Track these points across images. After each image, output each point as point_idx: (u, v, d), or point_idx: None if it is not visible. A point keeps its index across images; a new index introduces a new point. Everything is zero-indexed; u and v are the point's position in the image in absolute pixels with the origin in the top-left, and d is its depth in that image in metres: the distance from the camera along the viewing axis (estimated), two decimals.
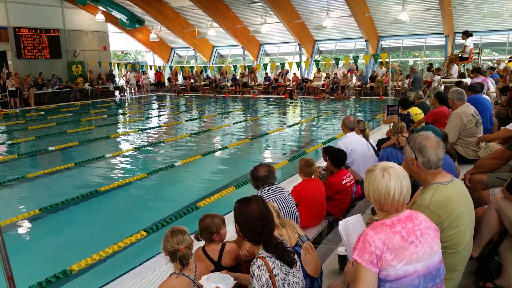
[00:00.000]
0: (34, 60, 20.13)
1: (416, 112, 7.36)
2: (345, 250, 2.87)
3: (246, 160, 8.75)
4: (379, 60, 17.43)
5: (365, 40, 20.72)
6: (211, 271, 2.57)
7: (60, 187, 6.99)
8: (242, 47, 24.09)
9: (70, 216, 5.67)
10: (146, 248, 4.44)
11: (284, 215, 3.15)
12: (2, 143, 10.88)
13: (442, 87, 9.82)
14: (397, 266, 1.78)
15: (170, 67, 24.60)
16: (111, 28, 24.23)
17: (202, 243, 2.89)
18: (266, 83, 22.75)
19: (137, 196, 6.59)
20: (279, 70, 22.19)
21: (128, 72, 23.95)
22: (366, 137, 5.59)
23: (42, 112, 16.75)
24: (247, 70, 21.91)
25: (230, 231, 2.94)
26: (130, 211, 5.94)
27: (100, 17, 21.71)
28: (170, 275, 2.49)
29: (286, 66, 20.22)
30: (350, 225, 2.44)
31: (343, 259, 3.12)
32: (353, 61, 18.07)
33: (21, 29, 19.43)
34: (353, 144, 5.09)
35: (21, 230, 5.26)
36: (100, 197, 6.25)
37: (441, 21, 18.19)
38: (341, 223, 2.39)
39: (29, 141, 10.92)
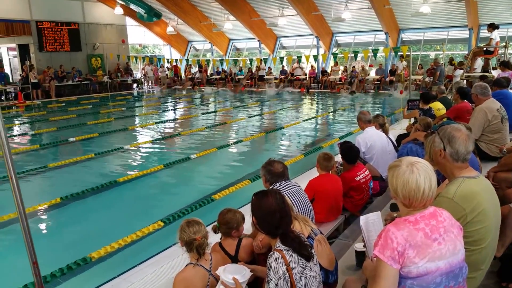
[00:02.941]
0: (55, 53, 20.46)
1: (438, 107, 7.21)
2: (363, 246, 2.86)
3: (261, 154, 8.76)
4: (399, 53, 17.13)
5: (385, 33, 20.37)
6: None
7: (80, 177, 7.14)
8: (258, 40, 23.99)
9: (90, 205, 5.79)
10: (163, 238, 4.48)
11: (297, 209, 3.14)
12: (25, 134, 11.15)
13: (465, 81, 9.60)
14: (419, 263, 1.76)
15: (187, 60, 24.69)
16: (130, 21, 24.42)
17: (218, 236, 2.90)
18: (282, 76, 22.65)
19: (154, 187, 6.66)
20: (295, 63, 22.04)
21: (146, 66, 24.14)
22: (386, 132, 5.51)
23: (63, 104, 17.06)
24: (263, 63, 21.82)
25: (245, 224, 2.97)
26: (147, 202, 6.02)
27: (118, 10, 21.89)
28: (186, 265, 2.52)
29: (303, 59, 20.02)
30: (370, 222, 2.44)
31: (360, 255, 3.11)
32: (372, 54, 17.78)
33: (43, 23, 19.74)
34: (373, 139, 5.03)
35: (43, 218, 5.40)
36: (119, 188, 6.35)
37: (465, 13, 17.73)
38: (362, 218, 2.39)
39: (51, 132, 11.14)
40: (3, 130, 2.15)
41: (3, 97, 17.81)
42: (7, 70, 21.71)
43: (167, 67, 24.93)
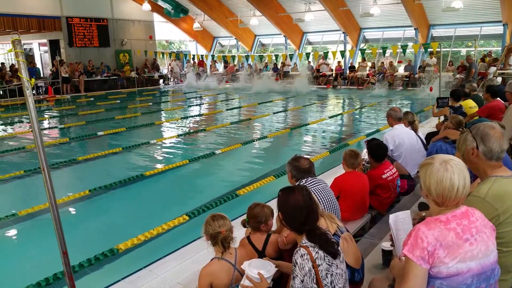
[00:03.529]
0: (84, 48, 20.97)
1: (470, 105, 6.97)
2: (391, 245, 2.81)
3: (286, 150, 8.72)
4: (429, 49, 16.68)
5: (415, 29, 19.87)
6: None
7: (108, 170, 7.30)
8: (284, 36, 23.87)
9: (117, 198, 5.91)
10: (188, 232, 4.53)
11: (323, 206, 3.10)
12: (55, 127, 11.48)
13: (499, 79, 9.26)
14: (450, 263, 1.72)
15: (213, 56, 24.84)
16: (157, 17, 24.74)
17: (243, 231, 2.91)
18: (308, 72, 22.45)
19: (179, 182, 6.75)
20: (321, 60, 21.81)
21: (172, 61, 24.43)
22: (415, 130, 5.38)
23: (92, 99, 17.48)
24: (288, 59, 21.71)
25: None
26: (172, 196, 6.10)
27: (146, 6, 22.20)
28: (211, 260, 2.54)
29: (329, 55, 19.78)
30: (400, 220, 2.39)
31: (387, 254, 3.06)
32: (401, 50, 17.39)
33: (73, 19, 20.24)
34: (401, 136, 4.92)
35: (72, 209, 5.54)
36: (145, 181, 6.46)
37: (499, 8, 17.07)
38: (391, 216, 2.34)
39: (80, 126, 11.43)
40: (36, 123, 2.20)
41: (34, 91, 18.38)
42: (38, 65, 22.42)
43: (192, 63, 25.17)
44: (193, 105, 15.81)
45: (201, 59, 24.57)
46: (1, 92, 17.63)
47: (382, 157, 4.27)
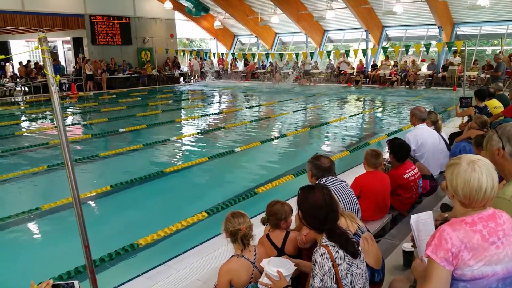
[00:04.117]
0: (107, 46, 21.31)
1: (495, 105, 6.80)
2: (412, 246, 2.77)
3: (305, 149, 8.68)
4: (453, 48, 16.31)
5: (438, 27, 19.45)
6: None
7: (129, 166, 7.41)
8: (305, 34, 23.72)
9: (138, 194, 5.99)
10: (206, 229, 4.55)
11: (344, 206, 3.07)
12: (78, 123, 11.72)
13: None
14: (474, 266, 1.68)
15: (233, 54, 24.89)
16: (178, 16, 24.95)
17: (262, 229, 2.91)
18: (329, 71, 22.29)
19: (199, 179, 6.79)
20: (341, 58, 21.60)
21: (193, 59, 24.61)
22: (438, 130, 5.27)
23: (114, 96, 17.77)
24: (309, 57, 21.56)
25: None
26: (191, 193, 6.14)
27: (168, 4, 22.39)
28: (231, 257, 2.54)
29: (351, 53, 19.57)
30: (421, 221, 2.35)
31: (407, 255, 3.02)
32: (424, 48, 17.04)
33: (96, 17, 20.60)
34: (424, 136, 4.82)
35: (93, 204, 5.65)
36: (165, 178, 6.52)
37: None
38: (413, 217, 2.30)
39: (102, 122, 11.64)
40: (61, 119, 2.24)
41: (57, 88, 18.80)
42: (61, 62, 22.93)
43: (211, 61, 25.30)
44: (212, 103, 15.89)
45: (221, 57, 24.64)
46: (26, 89, 18.11)
47: (405, 157, 4.19)
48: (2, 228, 4.79)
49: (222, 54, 24.59)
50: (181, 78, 24.51)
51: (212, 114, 13.02)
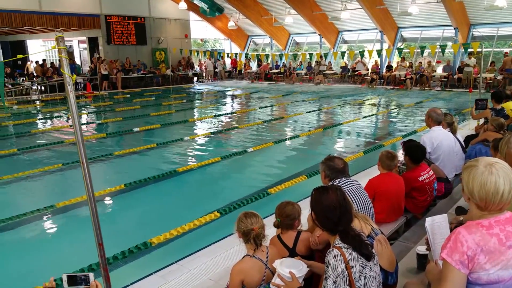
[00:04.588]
0: (122, 46, 21.54)
1: (511, 108, 6.68)
2: (426, 249, 2.73)
3: (318, 150, 8.64)
4: (469, 50, 16.05)
5: (454, 28, 19.17)
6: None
7: (142, 165, 7.47)
8: (319, 35, 23.62)
9: (151, 193, 6.03)
10: (219, 229, 4.56)
11: (357, 208, 3.04)
12: (93, 122, 11.87)
13: None
14: (491, 270, 1.66)
15: (246, 54, 24.92)
16: (192, 16, 25.09)
17: (274, 230, 2.90)
18: (344, 73, 22.15)
19: (211, 179, 6.80)
20: (358, 58, 21.43)
21: (206, 60, 24.72)
22: (454, 132, 5.19)
23: (128, 95, 17.95)
24: (323, 58, 21.46)
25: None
26: (204, 192, 6.16)
27: (182, 5, 22.53)
28: (243, 257, 2.54)
29: (365, 54, 19.42)
30: (436, 224, 2.32)
31: (422, 258, 2.98)
32: (440, 50, 16.82)
33: (112, 17, 20.83)
34: (439, 138, 4.75)
35: (107, 203, 5.71)
36: (178, 177, 6.56)
37: None
38: (428, 220, 2.27)
39: (117, 122, 11.77)
40: (77, 117, 2.27)
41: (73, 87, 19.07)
42: (77, 62, 23.24)
43: (224, 61, 25.38)
44: (225, 103, 15.93)
45: (234, 58, 24.69)
46: (42, 88, 18.41)
47: (420, 159, 4.14)
48: (17, 225, 4.88)
49: (236, 54, 24.64)
50: (195, 78, 24.63)
51: (224, 114, 13.06)
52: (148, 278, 3.49)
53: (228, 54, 24.08)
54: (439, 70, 19.54)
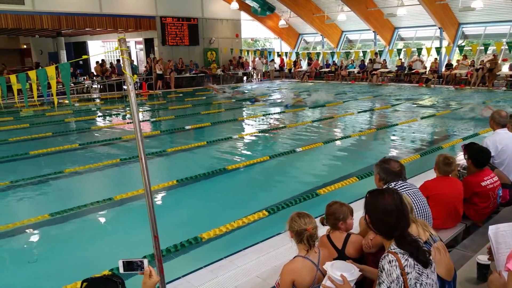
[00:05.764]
0: (176, 46, 22.19)
1: None
2: (488, 258, 2.57)
3: (371, 151, 8.40)
4: None
5: None
6: (334, 259, 2.52)
7: (193, 162, 7.66)
8: (373, 32, 22.96)
9: (201, 189, 6.17)
10: (267, 227, 4.58)
11: (416, 212, 2.92)
12: (148, 120, 12.34)
13: None
14: None
15: (297, 53, 24.77)
16: (244, 16, 25.34)
17: (325, 229, 2.86)
18: (400, 71, 21.38)
19: (260, 177, 6.84)
20: (415, 56, 20.60)
21: (256, 59, 24.88)
22: None
23: (181, 95, 18.49)
24: (378, 56, 20.83)
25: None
26: (253, 190, 6.20)
27: (234, 5, 22.82)
28: (295, 257, 2.51)
29: (423, 52, 18.60)
30: (501, 233, 2.17)
31: (482, 268, 2.80)
32: (506, 47, 15.74)
33: (166, 18, 21.53)
34: (504, 142, 4.45)
35: (160, 198, 5.90)
36: (227, 175, 6.65)
37: None
38: (491, 228, 2.14)
39: (170, 120, 12.16)
40: (137, 115, 2.35)
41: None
42: (134, 62, 24.22)
43: (273, 60, 25.42)
44: (274, 102, 15.93)
45: (282, 57, 24.65)
46: (101, 87, 19.42)
47: (484, 163, 3.90)
48: (77, 216, 5.17)
49: (286, 53, 24.58)
50: (244, 78, 24.88)
51: (273, 113, 13.07)
52: (198, 272, 3.56)
53: (278, 53, 24.07)
54: (505, 69, 18.29)
